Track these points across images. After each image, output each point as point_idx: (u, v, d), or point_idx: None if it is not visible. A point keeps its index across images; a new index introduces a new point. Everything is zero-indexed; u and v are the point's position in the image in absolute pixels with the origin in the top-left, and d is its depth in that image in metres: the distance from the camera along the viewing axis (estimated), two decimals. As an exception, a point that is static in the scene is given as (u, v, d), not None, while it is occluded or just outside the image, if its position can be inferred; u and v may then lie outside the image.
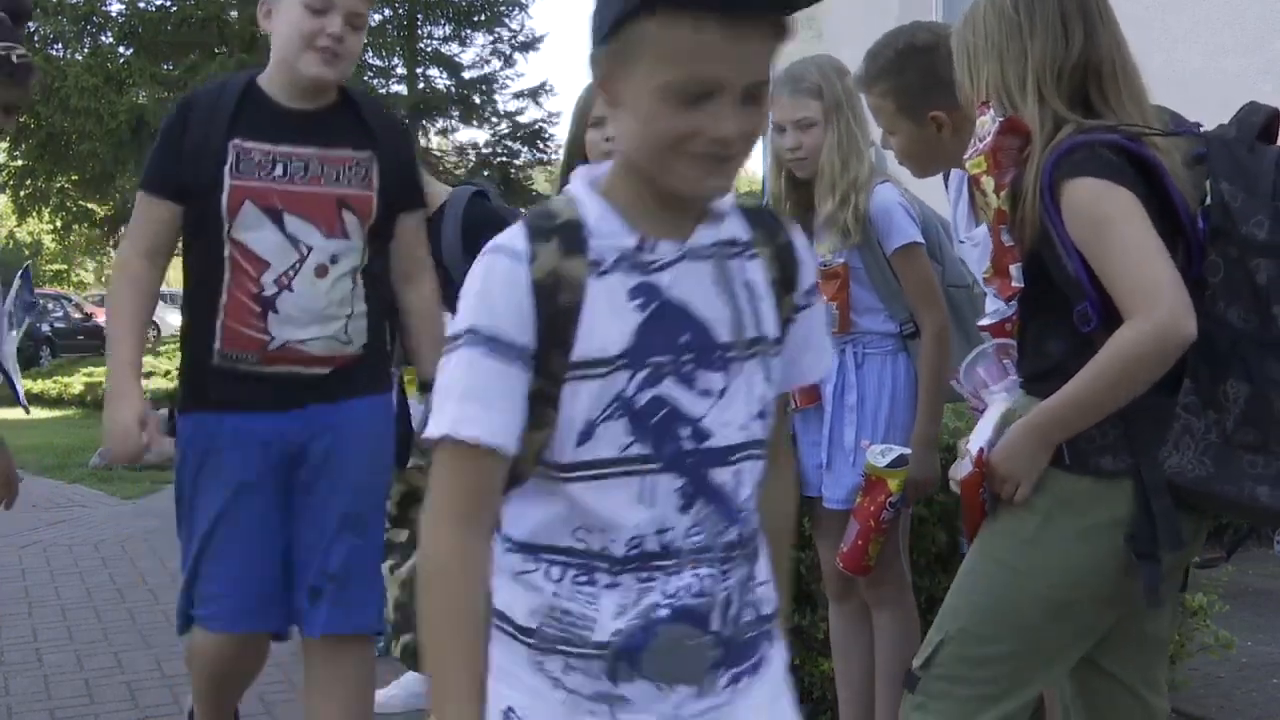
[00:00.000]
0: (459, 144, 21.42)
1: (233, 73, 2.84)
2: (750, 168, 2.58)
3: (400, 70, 20.44)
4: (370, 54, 19.04)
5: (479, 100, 20.89)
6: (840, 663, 2.97)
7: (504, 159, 21.05)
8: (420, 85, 20.38)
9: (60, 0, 17.11)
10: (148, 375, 10.48)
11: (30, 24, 2.64)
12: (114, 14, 17.80)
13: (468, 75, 20.86)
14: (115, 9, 17.79)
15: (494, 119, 21.10)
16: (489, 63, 20.94)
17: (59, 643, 4.53)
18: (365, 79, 18.55)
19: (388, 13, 19.34)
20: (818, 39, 6.28)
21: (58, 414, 13.73)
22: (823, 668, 3.18)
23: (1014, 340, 2.03)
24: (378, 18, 18.38)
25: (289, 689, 3.68)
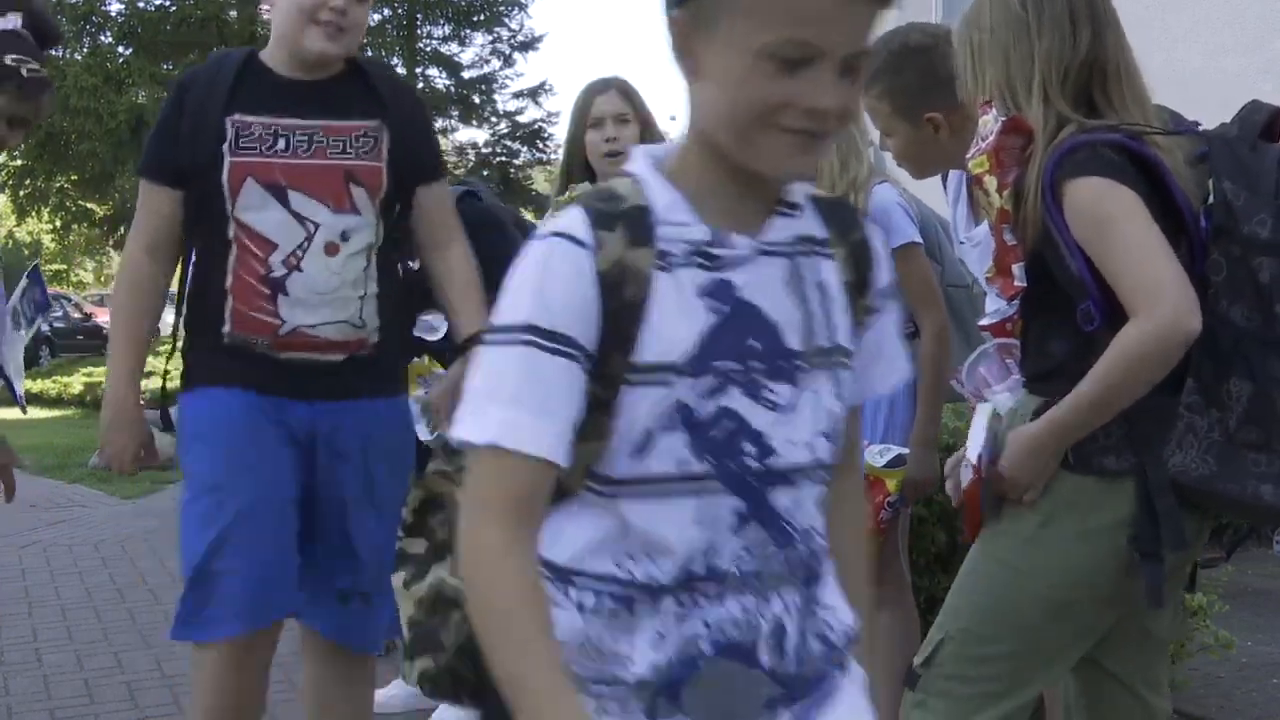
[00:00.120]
0: (458, 144, 21.38)
1: (232, 49, 2.70)
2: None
3: (400, 70, 20.44)
4: (370, 54, 19.02)
5: (478, 100, 20.90)
6: (840, 662, 2.97)
7: (503, 159, 21.05)
8: (420, 85, 20.38)
9: (60, 0, 17.11)
10: (148, 375, 10.42)
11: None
12: (113, 14, 17.79)
13: (467, 75, 20.88)
14: (115, 9, 17.80)
15: (493, 119, 21.11)
16: (488, 62, 20.96)
17: (59, 643, 4.52)
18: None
19: (387, 12, 19.34)
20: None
21: (57, 414, 13.73)
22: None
23: (1015, 339, 2.03)
24: (377, 17, 18.39)
25: (289, 689, 3.67)
